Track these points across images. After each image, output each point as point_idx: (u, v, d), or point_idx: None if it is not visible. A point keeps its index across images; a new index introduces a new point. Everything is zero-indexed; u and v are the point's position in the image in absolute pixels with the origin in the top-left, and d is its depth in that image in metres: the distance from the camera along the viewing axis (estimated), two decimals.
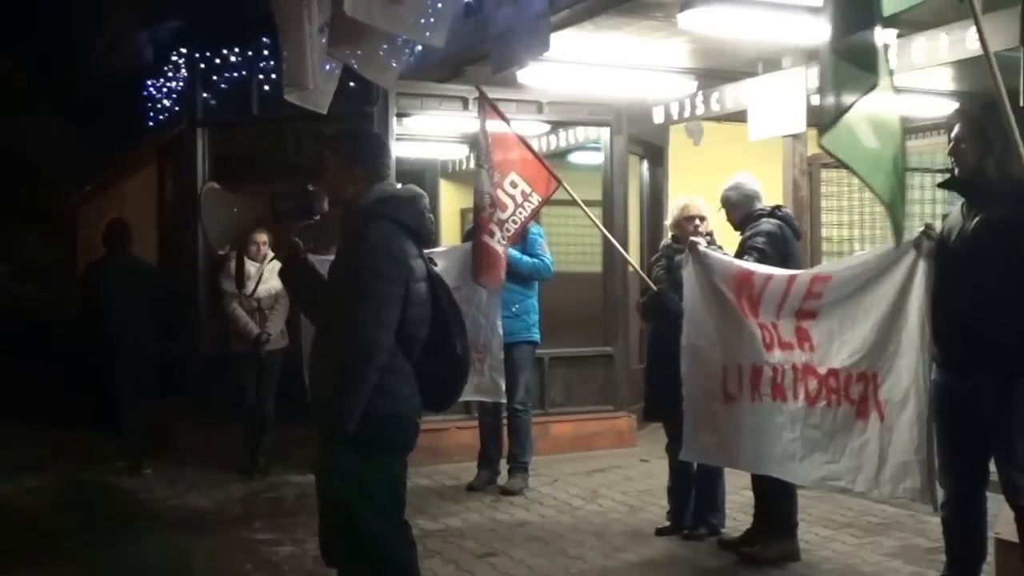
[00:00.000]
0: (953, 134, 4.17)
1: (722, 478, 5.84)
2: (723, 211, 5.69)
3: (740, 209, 5.57)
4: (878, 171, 3.38)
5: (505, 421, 7.33)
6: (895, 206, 3.49)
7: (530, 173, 6.66)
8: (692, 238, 5.45)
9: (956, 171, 4.19)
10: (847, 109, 3.22)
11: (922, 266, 4.09)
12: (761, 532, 5.48)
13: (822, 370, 4.58)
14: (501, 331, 6.92)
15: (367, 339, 3.47)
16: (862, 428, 4.39)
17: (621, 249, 7.32)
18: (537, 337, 7.33)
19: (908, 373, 4.18)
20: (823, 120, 3.25)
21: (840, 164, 3.42)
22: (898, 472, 4.25)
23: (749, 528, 5.63)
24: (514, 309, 7.11)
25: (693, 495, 5.91)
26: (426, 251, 3.81)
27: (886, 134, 3.37)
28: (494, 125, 6.72)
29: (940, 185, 4.63)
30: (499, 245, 6.66)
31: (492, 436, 7.41)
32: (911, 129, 9.39)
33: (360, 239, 3.55)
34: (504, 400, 7.11)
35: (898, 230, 3.65)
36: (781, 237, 5.37)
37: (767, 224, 5.39)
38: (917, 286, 4.12)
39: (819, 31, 3.35)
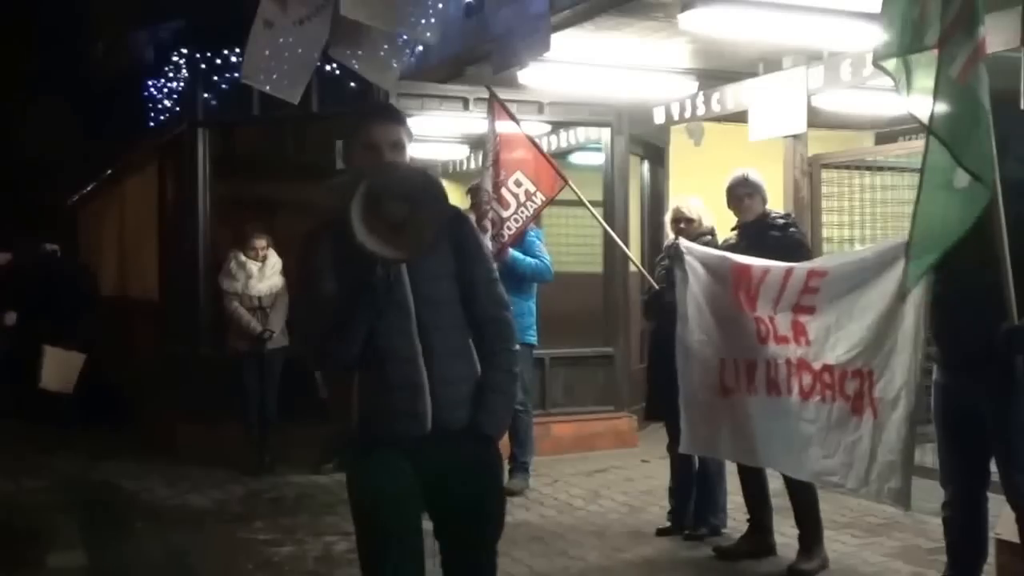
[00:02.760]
0: None
1: (724, 478, 5.83)
2: (751, 196, 5.39)
3: (761, 207, 5.41)
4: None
5: None
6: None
7: (536, 172, 6.66)
8: (678, 240, 5.54)
9: None
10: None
11: None
12: (802, 542, 5.28)
13: (816, 365, 4.62)
14: None
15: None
16: (856, 425, 4.43)
17: (624, 247, 7.30)
18: (534, 339, 7.30)
19: (902, 372, 4.21)
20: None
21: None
22: (884, 471, 4.27)
23: (743, 535, 5.59)
24: None
25: (694, 495, 5.91)
26: None
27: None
28: (502, 124, 6.72)
29: None
30: (489, 242, 6.67)
31: None
32: (912, 130, 9.38)
33: (480, 245, 3.42)
34: None
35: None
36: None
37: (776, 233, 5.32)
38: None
39: (819, 32, 3.34)
